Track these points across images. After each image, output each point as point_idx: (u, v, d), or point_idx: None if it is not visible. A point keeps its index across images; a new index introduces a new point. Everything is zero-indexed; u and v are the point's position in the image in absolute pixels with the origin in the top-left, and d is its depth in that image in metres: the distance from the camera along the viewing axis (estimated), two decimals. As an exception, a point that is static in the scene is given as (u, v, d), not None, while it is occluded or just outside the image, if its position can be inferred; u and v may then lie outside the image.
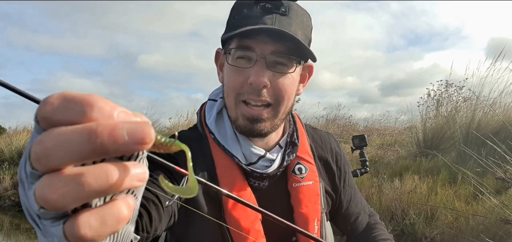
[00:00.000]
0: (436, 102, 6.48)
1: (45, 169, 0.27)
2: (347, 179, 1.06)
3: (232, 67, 0.83)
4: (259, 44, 0.80)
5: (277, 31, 0.78)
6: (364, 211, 1.10)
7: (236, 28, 0.80)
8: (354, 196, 1.08)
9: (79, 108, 0.27)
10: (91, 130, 0.26)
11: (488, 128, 4.86)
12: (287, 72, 0.83)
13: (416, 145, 5.98)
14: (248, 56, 0.81)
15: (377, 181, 4.72)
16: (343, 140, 7.04)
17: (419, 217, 3.82)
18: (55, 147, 0.26)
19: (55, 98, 0.27)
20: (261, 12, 0.80)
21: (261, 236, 0.84)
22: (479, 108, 5.26)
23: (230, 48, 0.83)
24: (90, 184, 0.26)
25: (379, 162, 5.75)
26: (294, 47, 0.81)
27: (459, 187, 4.17)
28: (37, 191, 0.27)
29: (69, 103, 0.27)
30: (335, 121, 8.88)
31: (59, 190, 0.26)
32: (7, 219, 6.56)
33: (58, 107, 0.27)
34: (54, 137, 0.26)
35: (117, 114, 0.28)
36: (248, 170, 0.86)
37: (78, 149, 0.26)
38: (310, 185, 0.92)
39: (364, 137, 2.33)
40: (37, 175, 0.27)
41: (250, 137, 0.87)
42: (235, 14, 0.85)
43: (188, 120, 8.01)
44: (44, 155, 0.26)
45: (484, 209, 3.43)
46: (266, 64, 0.80)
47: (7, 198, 7.36)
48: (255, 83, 0.80)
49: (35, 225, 0.30)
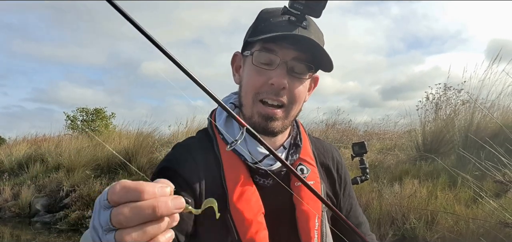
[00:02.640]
0: (435, 106, 6.48)
1: (120, 226, 0.46)
2: (347, 188, 1.10)
3: (255, 68, 0.91)
4: (282, 50, 0.88)
5: (303, 38, 0.86)
6: (364, 225, 1.13)
7: (262, 33, 0.88)
8: (354, 207, 1.11)
9: (135, 193, 0.45)
10: (154, 205, 0.45)
11: (486, 131, 4.87)
12: (302, 79, 0.92)
13: (416, 148, 5.99)
14: (271, 59, 0.89)
15: (377, 186, 4.72)
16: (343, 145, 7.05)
17: (419, 222, 3.82)
18: (132, 214, 0.45)
19: (120, 188, 0.46)
20: (286, 23, 0.88)
21: (263, 228, 0.89)
22: (477, 111, 5.27)
23: (254, 50, 0.90)
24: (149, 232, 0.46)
25: (379, 167, 5.76)
26: (311, 57, 0.90)
27: (458, 190, 4.17)
28: (117, 236, 0.46)
29: (128, 192, 0.46)
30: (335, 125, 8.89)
31: (136, 237, 0.46)
32: (8, 230, 6.54)
33: (122, 194, 0.46)
34: (131, 209, 0.45)
35: (158, 189, 0.47)
36: (254, 167, 0.92)
37: (144, 215, 0.45)
38: (312, 185, 0.94)
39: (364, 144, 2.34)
40: (114, 229, 0.46)
41: (263, 134, 0.92)
42: (261, 21, 0.93)
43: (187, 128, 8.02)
44: (125, 219, 0.45)
45: (483, 212, 3.44)
46: (287, 69, 0.89)
47: (7, 209, 7.34)
48: (277, 84, 0.88)
49: None
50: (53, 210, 7.04)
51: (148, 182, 0.47)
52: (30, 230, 6.47)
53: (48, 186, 7.47)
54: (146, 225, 0.46)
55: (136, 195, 0.46)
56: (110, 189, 0.47)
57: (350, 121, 9.29)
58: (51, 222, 6.68)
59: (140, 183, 0.46)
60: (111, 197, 0.46)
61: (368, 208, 4.29)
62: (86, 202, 6.60)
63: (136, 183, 0.46)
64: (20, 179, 8.12)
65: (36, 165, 8.27)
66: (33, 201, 7.25)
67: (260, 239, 0.87)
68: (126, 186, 0.46)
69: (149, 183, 0.47)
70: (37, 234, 6.22)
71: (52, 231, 6.30)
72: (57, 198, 7.17)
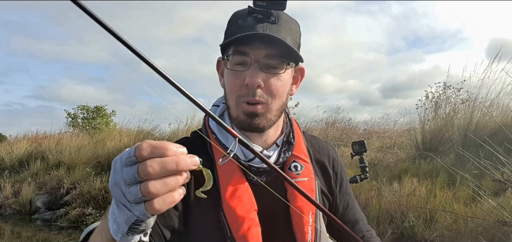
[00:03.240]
0: (435, 105, 6.49)
1: (148, 178, 0.54)
2: (343, 185, 1.10)
3: (231, 72, 0.93)
4: (253, 50, 0.90)
5: (266, 35, 0.87)
6: (361, 221, 1.13)
7: (231, 36, 0.90)
8: (352, 204, 1.11)
9: (160, 151, 0.55)
10: (177, 161, 0.55)
11: (485, 129, 4.88)
12: (278, 74, 0.92)
13: (415, 147, 6.01)
14: (244, 60, 0.91)
15: (377, 184, 4.74)
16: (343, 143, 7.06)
17: (418, 220, 3.84)
18: (159, 167, 0.54)
19: (147, 145, 0.55)
20: (254, 22, 0.90)
21: (256, 225, 0.90)
22: (477, 110, 5.28)
23: (228, 54, 0.93)
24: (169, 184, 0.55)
25: (378, 165, 5.78)
26: (284, 51, 0.91)
27: (457, 189, 4.19)
28: (144, 188, 0.54)
29: (155, 148, 0.55)
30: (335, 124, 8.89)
31: (158, 186, 0.54)
32: (8, 227, 6.56)
33: (150, 150, 0.54)
34: (158, 163, 0.54)
35: (178, 149, 0.56)
36: (246, 165, 0.93)
37: (169, 168, 0.55)
38: (305, 181, 0.98)
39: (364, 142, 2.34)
40: (139, 181, 0.54)
41: (249, 131, 0.95)
42: (231, 25, 0.94)
43: (188, 126, 8.03)
44: (153, 171, 0.54)
45: (482, 211, 3.45)
46: (260, 67, 0.90)
47: (8, 206, 7.36)
48: (250, 84, 0.89)
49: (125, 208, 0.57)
50: (53, 207, 7.06)
51: (170, 142, 0.56)
52: (30, 227, 6.49)
53: (49, 183, 7.49)
54: (167, 178, 0.55)
55: (161, 151, 0.54)
56: (137, 146, 0.55)
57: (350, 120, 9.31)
58: (52, 219, 6.69)
59: (164, 142, 0.55)
60: (139, 153, 0.54)
61: (367, 206, 4.31)
62: (86, 199, 6.61)
63: (160, 142, 0.55)
64: (20, 176, 8.13)
65: (37, 162, 8.28)
66: (33, 198, 7.27)
67: (252, 236, 0.89)
68: (153, 144, 0.55)
69: (172, 143, 0.56)
70: (38, 231, 6.24)
71: (53, 228, 6.32)
72: (58, 195, 7.19)
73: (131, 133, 8.72)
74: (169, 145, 0.55)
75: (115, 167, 0.57)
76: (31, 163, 8.33)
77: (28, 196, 7.28)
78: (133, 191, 0.55)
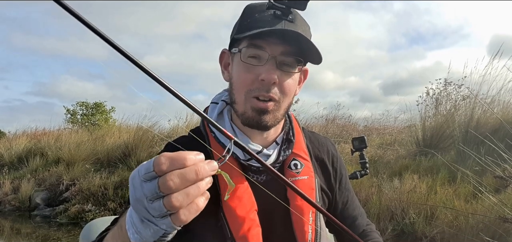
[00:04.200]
0: (435, 101, 6.48)
1: (169, 192, 0.53)
2: (343, 181, 1.10)
3: (244, 65, 0.90)
4: (270, 45, 0.87)
5: (290, 32, 0.85)
6: (361, 216, 1.12)
7: (248, 29, 0.87)
8: (351, 200, 1.11)
9: (179, 162, 0.54)
10: (196, 170, 0.54)
11: (486, 126, 4.87)
12: (292, 72, 0.91)
13: (416, 144, 5.99)
14: (259, 55, 0.88)
15: (377, 181, 4.73)
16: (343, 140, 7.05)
17: (419, 216, 3.83)
18: (180, 180, 0.53)
19: (165, 159, 0.54)
20: (272, 17, 0.87)
21: (256, 225, 0.89)
22: (478, 106, 5.26)
23: (242, 47, 0.90)
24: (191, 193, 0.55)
25: (378, 162, 5.76)
26: (299, 50, 0.89)
27: (458, 186, 4.18)
28: (165, 202, 0.53)
29: (174, 161, 0.54)
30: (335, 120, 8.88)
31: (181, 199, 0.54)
32: (8, 224, 6.55)
33: (169, 163, 0.54)
34: (178, 175, 0.53)
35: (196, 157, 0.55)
36: (246, 164, 0.92)
37: (189, 179, 0.54)
38: (305, 180, 0.97)
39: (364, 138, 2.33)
40: (161, 195, 0.54)
41: (256, 128, 0.93)
42: (247, 17, 0.91)
43: (187, 122, 8.01)
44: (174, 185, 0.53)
45: (483, 207, 3.44)
46: (276, 63, 0.88)
47: (7, 203, 7.35)
48: (267, 80, 0.87)
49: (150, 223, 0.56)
50: (53, 204, 7.04)
51: (186, 151, 0.56)
52: (30, 224, 6.48)
53: (48, 179, 7.48)
54: (189, 188, 0.54)
55: (180, 163, 0.54)
56: (155, 160, 0.54)
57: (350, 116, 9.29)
58: (51, 216, 6.68)
59: (181, 152, 0.55)
60: (158, 167, 0.54)
61: (368, 202, 4.30)
62: (86, 195, 6.60)
63: (178, 153, 0.55)
64: (20, 172, 8.12)
65: (36, 158, 8.27)
66: (33, 194, 7.26)
67: (252, 236, 0.88)
68: (171, 156, 0.54)
69: (189, 152, 0.55)
70: (37, 227, 6.23)
71: (52, 225, 6.31)
72: (57, 191, 7.18)
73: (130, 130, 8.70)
74: (188, 155, 0.55)
75: (134, 184, 0.56)
76: (30, 159, 8.32)
77: (27, 193, 7.27)
78: (156, 207, 0.54)
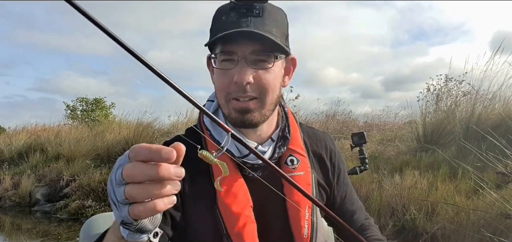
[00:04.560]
0: (436, 97, 6.47)
1: (130, 180, 0.54)
2: (341, 176, 1.10)
3: (219, 70, 0.92)
4: (240, 46, 0.88)
5: (248, 32, 0.85)
6: (360, 211, 1.13)
7: (216, 34, 0.88)
8: (349, 194, 1.11)
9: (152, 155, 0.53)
10: (159, 169, 0.52)
11: (488, 122, 4.85)
12: (267, 68, 0.90)
13: (416, 140, 5.98)
14: (231, 58, 0.89)
15: (378, 177, 4.72)
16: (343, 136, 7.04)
17: (419, 213, 3.82)
18: (140, 172, 0.53)
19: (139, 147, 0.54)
20: (237, 16, 0.88)
21: (251, 221, 0.90)
22: (479, 102, 5.25)
23: (216, 53, 0.92)
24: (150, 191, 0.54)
25: (379, 158, 5.75)
26: (270, 44, 0.88)
27: (459, 182, 4.16)
28: (126, 190, 0.54)
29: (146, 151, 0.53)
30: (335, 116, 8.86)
31: (137, 191, 0.53)
32: (8, 219, 6.56)
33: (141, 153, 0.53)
34: (139, 166, 0.53)
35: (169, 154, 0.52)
36: (240, 162, 0.92)
37: (149, 174, 0.53)
38: (302, 175, 0.97)
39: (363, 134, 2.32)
40: (124, 183, 0.54)
41: (243, 127, 0.94)
42: (215, 22, 0.93)
43: (187, 118, 8.00)
44: (132, 174, 0.53)
45: (484, 203, 3.43)
46: (247, 63, 0.88)
47: (7, 199, 7.35)
48: (239, 81, 0.88)
49: (115, 207, 0.57)
50: (53, 200, 7.05)
51: (164, 146, 0.53)
52: (30, 219, 6.49)
53: (48, 175, 7.48)
54: (148, 184, 0.53)
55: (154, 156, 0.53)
56: (132, 148, 0.55)
57: (350, 112, 9.28)
58: (51, 211, 6.69)
59: (160, 146, 0.53)
60: (132, 153, 0.54)
61: (368, 199, 4.29)
62: (86, 191, 6.60)
63: (156, 146, 0.53)
64: (20, 168, 8.12)
65: (36, 154, 8.27)
66: (33, 190, 7.26)
67: (248, 232, 0.88)
68: (146, 147, 0.54)
69: (164, 147, 0.53)
70: (37, 223, 6.23)
71: (52, 220, 6.31)
72: (57, 187, 7.18)
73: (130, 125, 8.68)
74: (162, 150, 0.52)
75: (115, 166, 0.58)
76: (30, 155, 8.32)
77: (27, 188, 7.27)
78: (118, 192, 0.55)
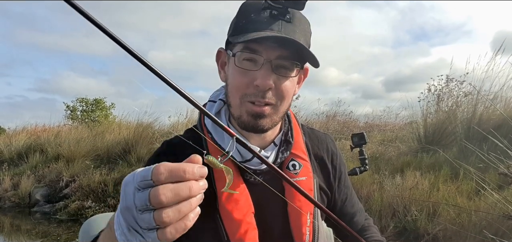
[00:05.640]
0: (437, 98, 6.45)
1: (160, 206, 0.52)
2: (342, 178, 1.10)
3: (239, 69, 0.87)
4: (266, 49, 0.85)
5: (286, 39, 0.82)
6: (360, 213, 1.13)
7: (243, 31, 0.84)
8: (350, 197, 1.11)
9: (178, 174, 0.52)
10: (190, 187, 0.53)
11: (489, 122, 4.83)
12: (289, 76, 0.89)
13: (417, 140, 5.96)
14: (254, 59, 0.86)
15: (379, 178, 4.69)
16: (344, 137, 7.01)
17: (421, 214, 3.79)
18: (173, 195, 0.52)
19: (164, 169, 0.52)
20: (268, 18, 0.84)
21: (252, 228, 0.88)
22: (480, 103, 5.22)
23: (237, 50, 0.87)
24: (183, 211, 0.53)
25: (380, 158, 5.73)
26: (297, 53, 0.86)
27: (461, 182, 4.14)
28: (157, 216, 0.51)
29: (172, 173, 0.52)
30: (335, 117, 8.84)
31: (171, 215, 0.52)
32: (7, 220, 6.54)
33: (167, 175, 0.52)
34: (170, 190, 0.52)
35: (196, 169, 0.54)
36: (242, 166, 0.91)
37: (182, 195, 0.52)
38: (304, 181, 0.96)
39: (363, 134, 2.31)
40: (151, 208, 0.52)
41: (253, 132, 0.92)
42: (242, 17, 0.88)
43: (188, 118, 7.98)
44: (165, 200, 0.51)
45: (486, 204, 3.41)
46: (272, 68, 0.85)
47: (7, 199, 7.33)
48: (262, 86, 0.85)
49: (137, 234, 0.54)
50: (52, 200, 7.03)
51: (186, 163, 0.54)
52: (29, 220, 6.47)
53: (48, 176, 7.46)
54: (180, 205, 0.53)
55: (179, 174, 0.52)
56: (155, 169, 0.52)
57: (350, 113, 9.26)
58: (51, 212, 6.66)
59: (181, 164, 0.53)
60: (157, 177, 0.52)
61: (369, 200, 4.26)
62: (86, 192, 6.58)
63: (178, 165, 0.53)
64: (19, 169, 8.10)
65: (36, 155, 8.25)
66: (32, 191, 7.24)
67: (249, 238, 0.87)
68: (170, 167, 0.52)
69: (188, 164, 0.54)
70: (37, 224, 6.21)
71: (52, 221, 6.29)
72: (57, 188, 7.16)
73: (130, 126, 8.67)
74: (187, 167, 0.53)
75: (127, 190, 0.54)
76: (30, 155, 8.30)
77: (27, 189, 7.25)
78: (146, 218, 0.52)
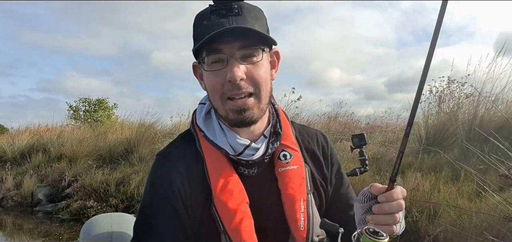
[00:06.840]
0: (438, 99, 6.45)
1: None
2: (335, 169, 1.13)
3: (210, 72, 0.93)
4: (226, 45, 0.90)
5: (238, 28, 0.88)
6: None
7: (201, 38, 0.89)
8: (346, 188, 1.14)
9: None
10: None
11: (490, 124, 4.83)
12: (257, 61, 0.93)
13: (418, 142, 5.95)
14: (220, 58, 0.91)
15: (380, 179, 4.70)
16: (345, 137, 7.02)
17: (422, 215, 3.80)
18: None
19: None
20: (218, 18, 0.90)
21: (247, 217, 0.92)
22: (481, 104, 5.22)
23: (203, 56, 0.93)
24: None
25: (381, 159, 5.73)
26: (256, 38, 0.91)
27: (462, 184, 4.14)
28: None
29: None
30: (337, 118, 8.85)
31: None
32: (10, 219, 6.58)
33: None
34: None
35: None
36: (235, 159, 0.96)
37: None
38: (295, 169, 1.00)
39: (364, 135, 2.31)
40: None
41: (242, 126, 0.96)
42: (197, 27, 0.94)
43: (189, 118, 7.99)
44: None
45: (487, 206, 3.41)
46: (237, 60, 0.90)
47: (9, 199, 7.38)
48: (233, 79, 0.89)
49: None
50: (55, 200, 7.07)
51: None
52: (32, 220, 6.50)
53: (50, 175, 7.50)
54: None
55: None
56: None
57: (352, 114, 9.26)
58: (53, 212, 6.70)
59: None
60: None
61: (370, 200, 4.26)
62: (88, 192, 6.61)
63: None
64: (22, 168, 8.15)
65: (38, 154, 8.30)
66: (35, 190, 7.28)
67: (245, 228, 0.91)
68: None
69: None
70: (39, 223, 6.25)
71: (54, 221, 6.33)
72: (59, 187, 7.20)
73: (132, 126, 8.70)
74: None
75: None
76: (32, 155, 8.35)
77: (29, 188, 7.30)
78: None
